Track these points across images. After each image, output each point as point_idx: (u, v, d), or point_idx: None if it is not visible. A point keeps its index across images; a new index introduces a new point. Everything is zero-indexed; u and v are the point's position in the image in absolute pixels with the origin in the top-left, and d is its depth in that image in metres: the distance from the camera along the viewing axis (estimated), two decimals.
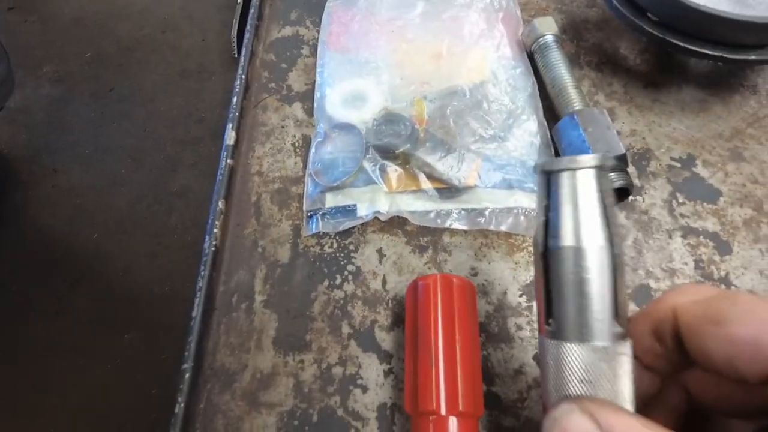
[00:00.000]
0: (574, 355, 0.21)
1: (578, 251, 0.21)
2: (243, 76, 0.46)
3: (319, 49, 0.48)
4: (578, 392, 0.21)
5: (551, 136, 0.41)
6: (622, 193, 0.37)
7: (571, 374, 0.21)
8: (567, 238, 0.21)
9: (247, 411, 0.33)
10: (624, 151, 0.36)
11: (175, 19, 2.41)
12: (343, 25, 0.49)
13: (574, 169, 0.22)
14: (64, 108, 2.07)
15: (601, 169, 0.21)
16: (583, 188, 0.21)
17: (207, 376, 0.34)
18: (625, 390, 0.21)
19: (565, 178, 0.22)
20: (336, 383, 0.33)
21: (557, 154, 0.40)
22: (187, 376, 0.32)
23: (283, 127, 0.45)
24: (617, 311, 0.21)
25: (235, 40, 2.20)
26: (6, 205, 1.80)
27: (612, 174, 0.36)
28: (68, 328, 1.53)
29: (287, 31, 0.52)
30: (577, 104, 0.40)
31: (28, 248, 1.71)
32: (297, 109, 0.46)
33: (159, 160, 1.94)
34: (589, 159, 0.21)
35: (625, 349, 0.21)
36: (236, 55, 2.14)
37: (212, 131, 2.02)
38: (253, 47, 0.49)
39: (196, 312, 0.35)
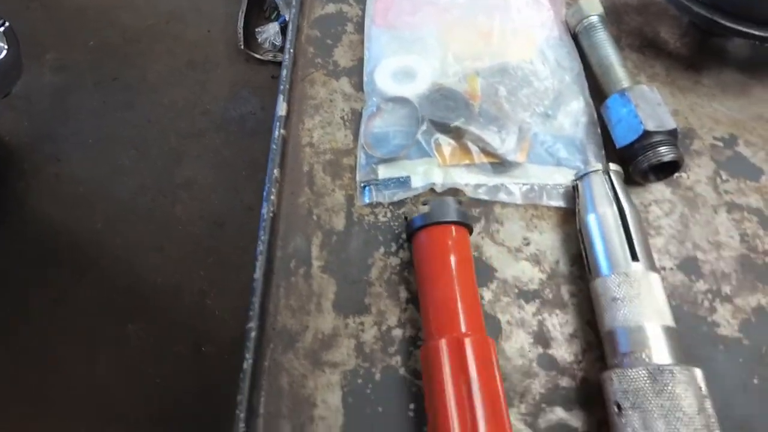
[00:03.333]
0: (604, 283, 0.32)
1: (598, 217, 0.34)
2: (291, 50, 0.47)
3: (366, 25, 0.49)
4: (612, 311, 0.31)
5: (597, 114, 0.42)
6: (673, 167, 0.38)
7: (605, 298, 0.32)
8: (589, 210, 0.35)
9: (310, 370, 0.33)
10: (675, 126, 0.38)
11: (180, 10, 2.39)
12: (389, 1, 0.49)
13: (589, 173, 0.37)
14: (67, 96, 2.05)
15: (605, 172, 0.36)
16: (596, 185, 0.36)
17: (270, 337, 0.34)
18: (647, 308, 0.30)
19: (584, 181, 0.37)
20: (396, 344, 0.34)
21: (604, 131, 0.42)
22: (252, 334, 0.33)
23: (331, 100, 0.46)
24: (634, 253, 0.32)
25: (241, 31, 2.19)
26: (8, 193, 1.78)
27: (663, 148, 0.37)
28: (71, 317, 1.51)
29: (330, 8, 0.52)
30: (624, 82, 0.41)
31: (30, 237, 1.69)
32: (344, 84, 0.47)
33: (163, 151, 1.93)
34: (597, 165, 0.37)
35: (650, 275, 0.31)
36: (242, 47, 2.13)
37: (217, 123, 2.01)
38: (298, 22, 0.50)
39: (258, 274, 0.35)
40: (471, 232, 0.36)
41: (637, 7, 0.51)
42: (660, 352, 0.29)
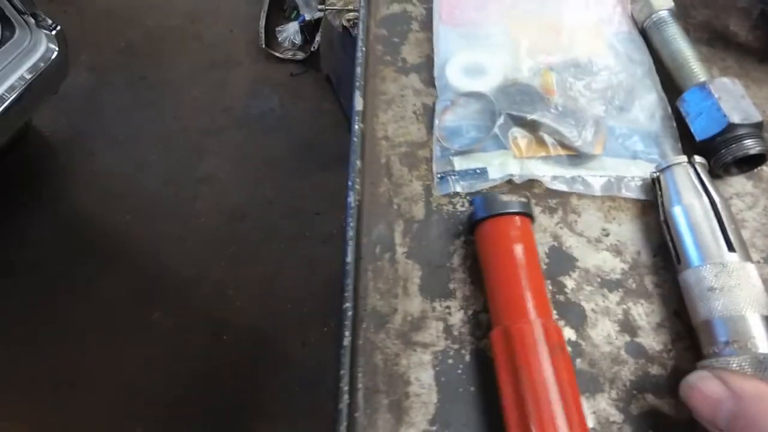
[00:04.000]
0: (698, 273, 0.32)
1: (685, 208, 0.35)
2: (363, 48, 0.48)
3: (434, 23, 0.50)
4: (708, 301, 0.31)
5: (672, 107, 0.43)
6: (757, 160, 0.38)
7: (700, 288, 0.32)
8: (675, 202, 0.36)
9: (402, 349, 0.34)
10: (761, 119, 0.38)
11: (203, 11, 2.44)
12: (455, 0, 0.50)
13: (671, 166, 0.37)
14: (100, 95, 2.10)
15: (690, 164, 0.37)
16: (680, 176, 0.36)
17: (362, 317, 0.36)
18: (746, 297, 0.30)
19: (667, 173, 0.37)
20: (484, 328, 0.35)
21: (680, 124, 0.42)
22: (350, 314, 0.34)
23: (402, 96, 0.47)
24: (730, 243, 0.32)
25: (262, 31, 2.23)
26: (46, 187, 1.83)
27: (749, 141, 0.37)
28: (99, 307, 1.55)
29: (395, 8, 0.54)
30: (701, 76, 0.42)
31: (64, 229, 1.73)
32: (414, 80, 0.48)
33: (186, 147, 1.97)
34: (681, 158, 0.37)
35: (746, 265, 0.32)
36: (263, 46, 2.17)
37: (237, 120, 2.05)
38: (367, 22, 0.51)
39: (350, 257, 0.37)
40: (533, 220, 0.36)
41: (703, 0, 0.51)
42: (764, 341, 0.29)
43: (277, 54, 2.17)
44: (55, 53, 1.39)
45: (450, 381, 0.33)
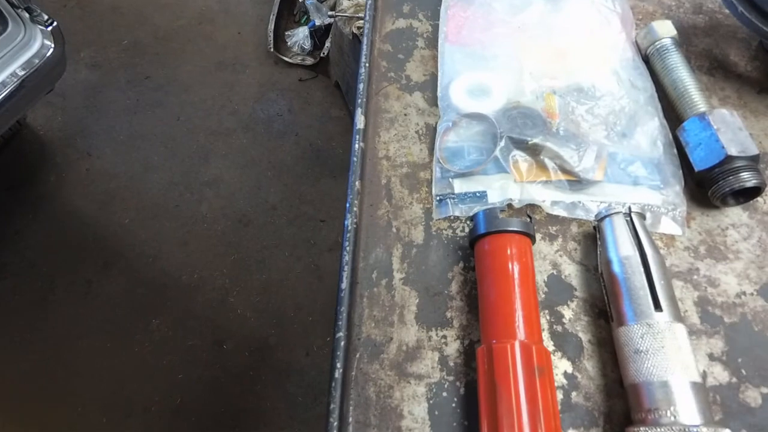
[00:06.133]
0: (627, 333, 0.31)
1: (620, 261, 0.33)
2: (366, 65, 0.48)
3: (439, 42, 0.50)
4: (635, 363, 0.30)
5: (673, 135, 0.43)
6: (753, 192, 0.38)
7: (629, 349, 0.31)
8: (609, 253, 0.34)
9: (396, 380, 0.34)
10: (758, 152, 0.38)
11: (211, 12, 2.44)
12: (462, 19, 0.50)
13: (611, 215, 0.36)
14: (100, 93, 2.10)
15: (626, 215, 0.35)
16: (619, 227, 0.35)
17: (356, 346, 0.35)
18: (671, 361, 0.29)
19: (605, 223, 0.36)
20: None
21: (681, 152, 0.42)
22: (342, 344, 0.34)
23: (405, 114, 0.47)
24: (657, 302, 0.31)
25: (271, 34, 2.23)
26: (40, 186, 1.83)
27: (745, 173, 0.37)
28: (97, 310, 1.54)
29: (401, 23, 0.53)
30: (701, 106, 0.42)
31: (59, 230, 1.73)
32: (418, 99, 0.48)
33: (191, 149, 1.97)
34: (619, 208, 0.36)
35: (674, 326, 0.30)
36: (272, 50, 2.17)
37: (244, 123, 2.05)
38: (372, 37, 0.51)
39: (345, 284, 0.36)
40: (533, 240, 0.36)
41: (705, 28, 0.51)
42: (687, 410, 0.28)
43: (286, 58, 2.17)
44: (51, 49, 1.35)
45: (444, 415, 0.33)
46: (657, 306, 0.31)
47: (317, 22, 2.18)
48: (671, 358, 0.29)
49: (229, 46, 2.34)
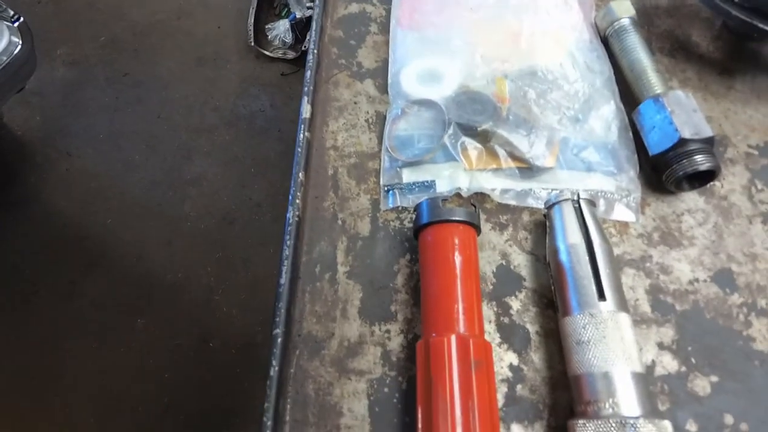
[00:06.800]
0: (571, 323, 0.30)
1: (566, 250, 0.32)
2: (315, 51, 0.46)
3: (391, 26, 0.48)
4: (578, 354, 0.29)
5: (629, 119, 0.41)
6: (708, 175, 0.37)
7: (572, 339, 0.30)
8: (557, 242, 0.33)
9: (337, 377, 0.33)
10: (712, 134, 0.37)
11: (190, 5, 2.39)
12: (415, 3, 0.48)
13: (560, 202, 0.35)
14: (79, 91, 2.06)
15: (576, 202, 0.34)
16: (567, 215, 0.34)
17: (295, 343, 0.34)
18: (613, 352, 0.28)
19: (554, 210, 0.35)
20: None
21: (637, 136, 0.41)
22: (279, 341, 0.33)
23: (355, 103, 0.45)
24: (602, 291, 0.30)
25: (251, 28, 2.18)
26: (20, 187, 1.79)
27: (699, 156, 0.36)
28: (81, 311, 1.52)
29: (354, 7, 0.52)
30: (658, 88, 0.40)
31: (41, 231, 1.70)
32: (369, 86, 0.46)
33: (173, 147, 1.93)
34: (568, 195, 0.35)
35: (618, 316, 0.29)
36: (252, 44, 2.13)
37: (227, 120, 2.01)
38: (322, 23, 0.49)
39: (284, 279, 0.35)
40: (479, 231, 0.35)
41: (667, 8, 0.50)
42: (627, 402, 0.27)
43: (267, 52, 2.13)
44: (19, 47, 1.32)
45: (384, 411, 0.32)
46: (601, 295, 0.30)
47: (298, 15, 2.14)
48: (613, 349, 0.28)
49: (208, 40, 2.29)
